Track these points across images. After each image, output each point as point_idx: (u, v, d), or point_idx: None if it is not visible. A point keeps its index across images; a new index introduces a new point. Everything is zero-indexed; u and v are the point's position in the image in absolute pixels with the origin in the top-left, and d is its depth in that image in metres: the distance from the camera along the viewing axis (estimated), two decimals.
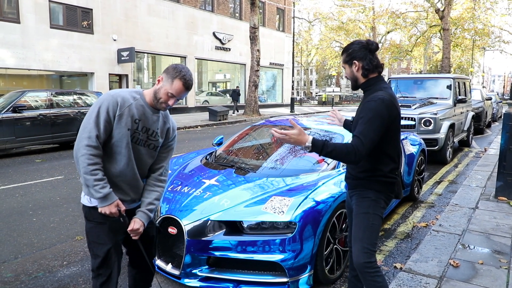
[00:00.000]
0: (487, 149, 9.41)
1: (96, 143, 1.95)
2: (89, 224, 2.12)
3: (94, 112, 1.97)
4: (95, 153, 1.95)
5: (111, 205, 1.99)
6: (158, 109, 2.13)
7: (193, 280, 2.89)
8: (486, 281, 2.95)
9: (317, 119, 5.41)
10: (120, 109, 2.00)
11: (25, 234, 4.22)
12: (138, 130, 2.07)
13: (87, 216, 2.12)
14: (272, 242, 2.76)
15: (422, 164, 5.73)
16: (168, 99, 2.04)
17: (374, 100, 2.09)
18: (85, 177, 1.94)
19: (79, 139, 1.97)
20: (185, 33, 22.23)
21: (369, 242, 2.17)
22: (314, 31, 57.09)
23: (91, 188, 1.95)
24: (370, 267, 2.14)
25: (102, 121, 1.96)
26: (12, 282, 3.20)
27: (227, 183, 3.41)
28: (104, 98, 2.01)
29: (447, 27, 24.82)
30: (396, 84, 9.74)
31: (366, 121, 2.05)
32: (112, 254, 2.11)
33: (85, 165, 1.93)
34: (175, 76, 2.00)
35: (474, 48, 39.12)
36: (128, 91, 2.09)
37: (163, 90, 2.03)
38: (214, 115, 17.79)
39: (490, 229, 4.04)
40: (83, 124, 1.99)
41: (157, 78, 2.09)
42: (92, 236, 2.12)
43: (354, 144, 2.00)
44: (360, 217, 2.21)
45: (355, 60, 2.20)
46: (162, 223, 3.05)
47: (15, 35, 14.84)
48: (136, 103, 2.06)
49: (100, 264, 2.10)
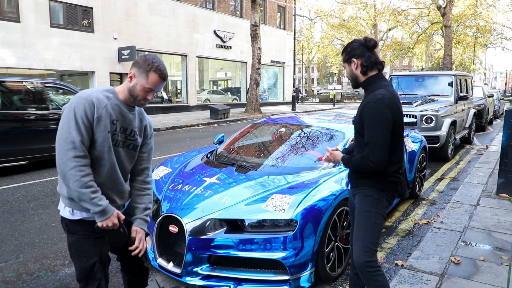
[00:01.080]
0: (488, 146, 9.39)
1: (84, 151, 1.80)
2: (72, 237, 1.97)
3: (71, 118, 1.79)
4: (85, 163, 1.81)
5: (111, 216, 1.87)
6: (134, 106, 2.01)
7: (195, 278, 2.89)
8: (487, 277, 2.95)
9: (318, 116, 5.41)
10: (98, 111, 1.84)
11: (26, 234, 4.23)
12: (116, 131, 1.94)
13: (69, 230, 1.95)
14: (273, 240, 2.76)
15: (423, 161, 5.72)
16: (147, 95, 1.92)
17: (373, 102, 2.09)
18: (79, 192, 1.78)
19: (62, 152, 1.78)
20: (186, 31, 22.21)
21: (370, 241, 2.16)
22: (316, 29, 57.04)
23: (87, 203, 1.81)
24: (370, 266, 2.14)
25: (82, 126, 1.80)
26: (14, 281, 3.21)
27: (228, 181, 3.41)
28: (77, 102, 1.82)
29: (449, 24, 24.74)
30: (398, 82, 9.72)
31: (369, 127, 2.09)
32: (99, 266, 1.97)
33: (78, 178, 1.77)
34: (148, 69, 1.87)
35: (476, 45, 38.96)
36: (99, 91, 1.93)
37: (139, 87, 1.89)
38: (215, 114, 17.78)
39: (492, 226, 4.04)
40: (61, 135, 1.80)
41: (128, 75, 1.94)
42: (76, 249, 1.97)
43: (365, 154, 2.11)
44: (362, 216, 2.21)
45: (353, 58, 2.20)
46: (163, 222, 3.05)
47: (16, 34, 14.85)
48: (111, 103, 1.91)
49: (87, 277, 1.96)
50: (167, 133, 13.46)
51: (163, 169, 4.02)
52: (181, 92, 23.39)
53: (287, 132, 4.61)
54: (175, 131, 14.21)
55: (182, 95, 23.30)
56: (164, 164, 4.19)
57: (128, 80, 1.94)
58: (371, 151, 2.07)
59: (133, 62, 1.95)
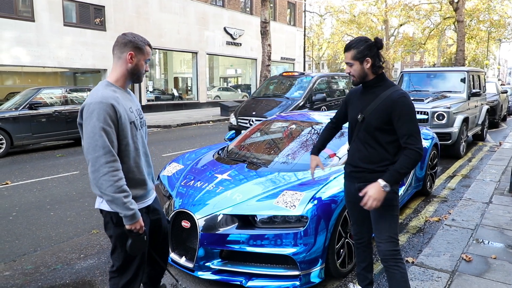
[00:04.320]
0: (502, 143, 9.27)
1: (114, 156, 1.86)
2: (119, 230, 2.01)
3: (96, 125, 1.83)
4: (117, 167, 1.87)
5: (140, 219, 1.95)
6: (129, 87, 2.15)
7: (206, 273, 2.95)
8: (499, 275, 2.95)
9: (329, 113, 5.42)
10: (118, 110, 1.90)
11: (43, 228, 4.34)
12: (136, 117, 2.06)
13: (118, 221, 1.99)
14: (284, 235, 2.80)
15: (434, 158, 5.69)
16: (146, 67, 2.10)
17: (403, 96, 2.20)
18: (113, 196, 1.84)
19: (93, 159, 1.83)
20: (196, 28, 22.27)
21: (394, 232, 2.31)
22: (326, 25, 56.63)
23: (120, 206, 1.86)
24: (396, 254, 2.29)
25: (109, 129, 1.86)
26: (32, 274, 3.31)
27: (239, 178, 3.46)
28: (98, 107, 1.85)
29: (462, 19, 24.35)
30: (409, 78, 9.64)
31: (408, 120, 2.17)
32: (139, 260, 2.10)
33: (111, 183, 1.83)
34: (142, 44, 2.03)
35: (489, 40, 38.25)
36: (103, 89, 1.96)
37: (141, 63, 2.04)
38: (225, 110, 17.84)
39: (504, 223, 4.01)
40: (89, 143, 1.85)
41: (128, 57, 2.00)
42: (122, 241, 2.02)
43: (414, 147, 2.14)
44: (385, 209, 2.28)
45: (368, 57, 2.25)
46: (176, 217, 3.11)
47: (30, 33, 15.07)
48: (120, 95, 2.00)
49: (126, 268, 2.07)
50: (178, 130, 13.56)
51: (175, 165, 4.08)
52: (192, 89, 23.49)
53: (298, 129, 4.63)
54: (186, 128, 14.31)
55: (192, 92, 23.40)
56: (176, 161, 4.25)
57: (129, 61, 2.01)
58: (416, 141, 2.15)
59: (121, 43, 2.01)
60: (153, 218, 2.25)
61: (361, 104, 2.33)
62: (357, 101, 2.39)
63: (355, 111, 2.37)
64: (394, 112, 2.18)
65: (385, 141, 2.26)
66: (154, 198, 2.27)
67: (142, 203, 2.09)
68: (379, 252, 2.31)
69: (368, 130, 2.29)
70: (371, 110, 2.26)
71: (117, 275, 2.10)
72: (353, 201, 2.49)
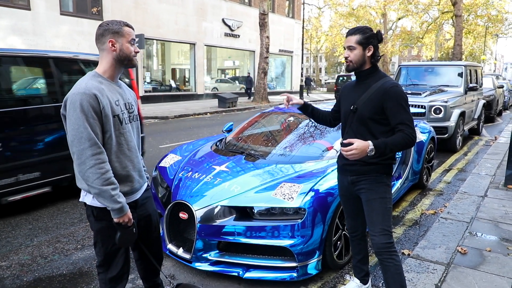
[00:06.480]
0: (497, 138, 9.32)
1: (100, 148, 1.81)
2: (99, 224, 1.97)
3: (79, 116, 1.77)
4: (103, 159, 1.82)
5: (128, 212, 1.90)
6: (118, 79, 2.04)
7: (204, 264, 2.96)
8: (494, 268, 2.98)
9: (326, 106, 5.41)
10: (101, 101, 1.83)
11: (40, 218, 4.33)
12: (122, 110, 1.96)
13: (97, 216, 1.95)
14: (281, 227, 2.81)
15: (431, 152, 5.72)
16: (134, 48, 1.97)
17: (396, 86, 2.21)
18: (100, 189, 1.80)
19: (79, 153, 1.78)
20: (195, 19, 22.10)
21: (388, 225, 2.30)
22: (324, 18, 56.37)
23: (107, 200, 1.82)
24: (390, 247, 2.28)
25: (92, 121, 1.80)
26: (29, 264, 3.31)
27: (237, 170, 3.46)
28: (80, 98, 1.78)
29: (460, 14, 24.31)
30: (407, 72, 9.64)
31: (401, 109, 2.19)
32: (122, 253, 2.05)
33: (98, 175, 1.78)
34: (119, 27, 1.92)
35: (486, 35, 38.28)
36: (89, 79, 1.89)
37: (125, 46, 1.93)
38: (223, 102, 17.79)
39: (499, 217, 4.05)
40: (74, 135, 1.78)
41: (109, 45, 1.93)
42: (103, 236, 1.99)
43: (408, 132, 2.16)
44: (378, 202, 2.30)
45: (371, 45, 2.26)
46: (173, 209, 3.12)
47: (26, 22, 14.91)
48: (106, 87, 1.92)
49: (110, 263, 2.03)
50: (176, 121, 13.53)
51: (173, 156, 4.07)
52: (189, 80, 23.40)
53: (295, 121, 4.63)
54: (184, 119, 14.27)
55: (190, 83, 23.30)
56: (173, 152, 4.25)
57: (111, 49, 1.93)
58: (411, 129, 2.17)
59: (99, 35, 1.94)
60: (142, 214, 2.14)
61: (354, 96, 2.34)
62: (349, 94, 2.40)
63: (348, 103, 2.37)
64: (387, 101, 2.19)
65: (378, 131, 2.26)
66: (145, 196, 2.17)
67: (127, 199, 1.98)
68: (373, 245, 2.31)
69: (361, 121, 2.29)
70: (364, 100, 2.26)
71: (102, 271, 2.05)
72: (346, 194, 2.51)
